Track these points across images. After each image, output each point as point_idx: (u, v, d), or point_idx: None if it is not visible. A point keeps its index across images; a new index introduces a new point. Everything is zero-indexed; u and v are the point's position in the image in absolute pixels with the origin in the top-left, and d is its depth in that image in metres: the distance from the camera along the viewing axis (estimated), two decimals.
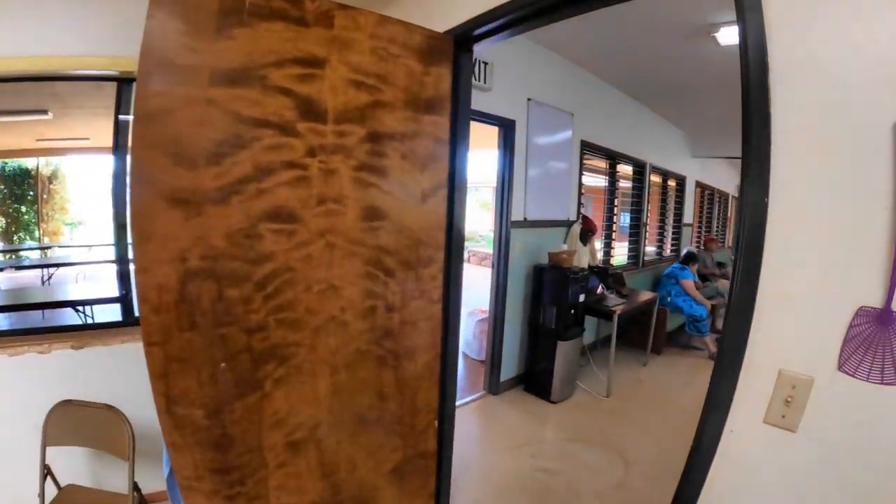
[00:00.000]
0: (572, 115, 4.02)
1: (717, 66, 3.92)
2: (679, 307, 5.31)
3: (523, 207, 3.52)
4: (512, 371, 3.87)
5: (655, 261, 6.46)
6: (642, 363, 4.88)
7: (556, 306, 3.53)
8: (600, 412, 3.69)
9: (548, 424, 3.49)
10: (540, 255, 3.76)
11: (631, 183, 5.62)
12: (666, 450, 3.21)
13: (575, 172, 4.18)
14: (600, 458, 3.07)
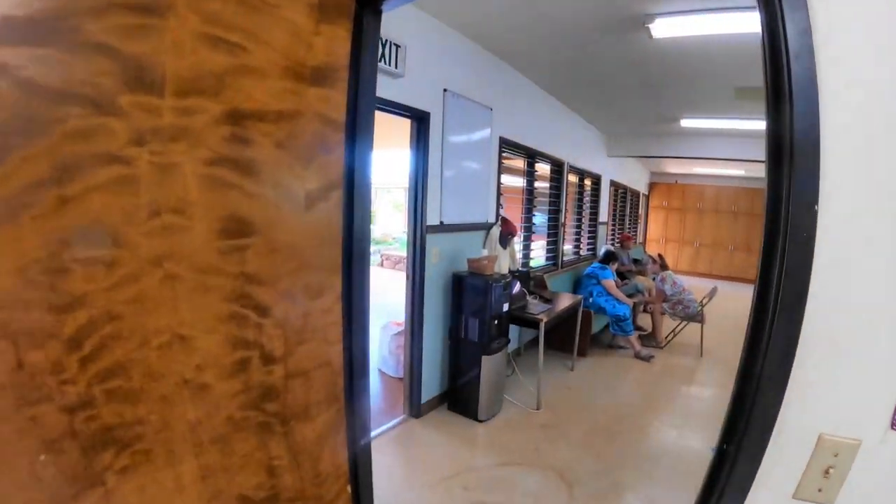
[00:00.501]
0: (491, 109, 3.82)
1: (644, 62, 3.93)
2: (602, 307, 5.39)
3: (439, 210, 3.26)
4: (434, 389, 3.62)
5: (574, 261, 6.52)
6: (569, 367, 4.86)
7: (479, 318, 3.31)
8: (532, 427, 3.54)
9: (478, 448, 3.27)
10: (459, 262, 3.52)
11: (549, 182, 5.56)
12: (607, 463, 3.13)
13: (493, 171, 3.99)
14: (540, 482, 2.90)
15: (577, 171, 6.36)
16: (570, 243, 6.74)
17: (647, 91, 4.87)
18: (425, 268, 3.16)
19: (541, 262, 5.69)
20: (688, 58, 3.71)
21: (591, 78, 4.56)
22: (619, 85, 4.74)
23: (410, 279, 3.19)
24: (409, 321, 3.29)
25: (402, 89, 2.86)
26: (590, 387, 4.46)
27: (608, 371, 4.96)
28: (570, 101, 5.64)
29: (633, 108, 5.77)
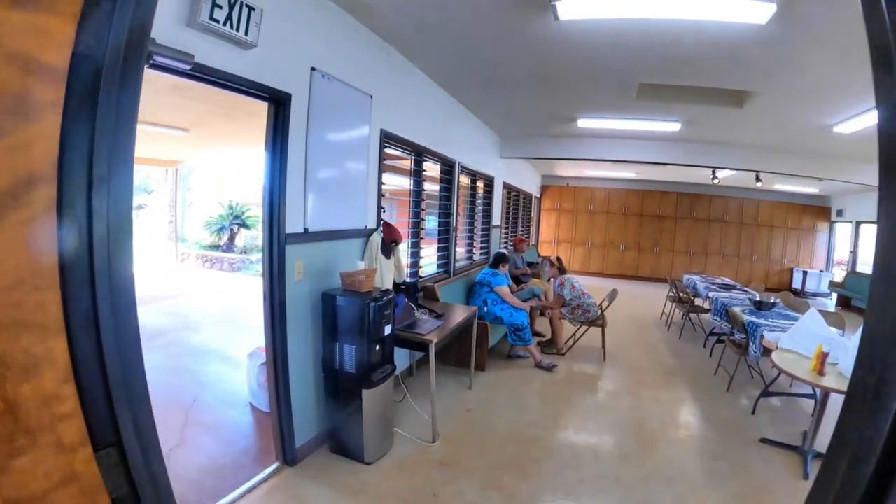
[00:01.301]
0: (371, 97, 3.39)
1: (545, 52, 3.75)
2: (498, 317, 5.22)
3: (303, 215, 2.75)
4: (311, 429, 3.13)
5: (467, 267, 6.30)
6: (467, 385, 4.60)
7: (356, 345, 2.85)
8: (429, 467, 3.16)
9: (364, 501, 2.80)
10: (331, 278, 3.04)
11: (439, 184, 5.24)
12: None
13: (374, 169, 3.56)
14: None
15: (470, 172, 6.15)
16: (463, 248, 6.50)
17: (546, 87, 4.77)
18: (286, 286, 2.64)
19: (432, 271, 5.36)
20: (592, 49, 3.58)
21: (486, 70, 4.36)
22: (516, 80, 4.59)
23: (268, 300, 2.66)
24: (269, 352, 2.76)
25: (253, 63, 2.35)
26: (491, 407, 4.21)
27: (510, 386, 4.77)
28: (464, 97, 5.43)
29: (529, 107, 5.68)
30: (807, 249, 13.09)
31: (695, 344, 6.94)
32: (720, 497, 3.11)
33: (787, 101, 4.51)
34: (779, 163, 7.26)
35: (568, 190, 13.68)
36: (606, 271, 13.50)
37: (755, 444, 3.87)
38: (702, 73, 4.01)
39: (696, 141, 6.91)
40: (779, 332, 4.47)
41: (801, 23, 2.84)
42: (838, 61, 3.39)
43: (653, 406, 4.58)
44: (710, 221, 13.22)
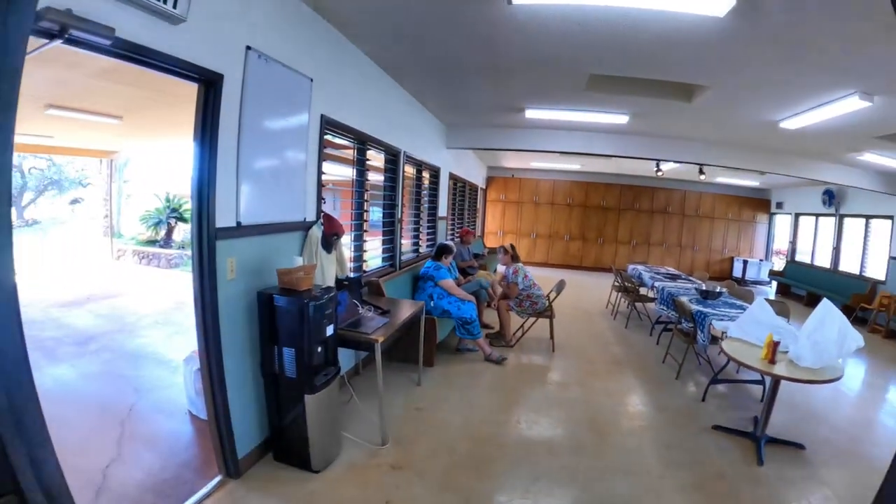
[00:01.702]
0: (311, 80, 3.21)
1: (495, 38, 3.66)
2: (446, 310, 5.16)
3: (235, 207, 2.55)
4: (254, 438, 2.96)
5: (413, 260, 6.20)
6: (416, 382, 4.53)
7: (296, 348, 2.70)
8: (380, 471, 3.05)
9: None
10: (267, 275, 2.85)
11: (383, 174, 5.09)
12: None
13: (314, 157, 3.38)
14: None
15: (415, 162, 6.03)
16: (409, 240, 6.39)
17: (495, 76, 4.72)
18: (217, 286, 2.44)
19: (376, 265, 5.21)
20: (545, 36, 3.52)
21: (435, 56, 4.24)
22: (465, 67, 4.51)
23: (199, 302, 2.45)
24: (203, 358, 2.56)
25: (182, 39, 2.14)
26: (442, 404, 4.14)
27: (460, 381, 4.72)
28: (410, 84, 5.31)
29: (478, 96, 5.61)
30: (747, 240, 13.91)
31: (641, 333, 7.14)
32: (678, 486, 3.18)
33: (737, 96, 4.65)
34: (724, 156, 7.56)
35: (513, 181, 13.85)
36: (551, 261, 13.83)
37: (708, 432, 3.99)
38: (655, 66, 4.06)
39: (643, 134, 7.08)
40: (727, 322, 4.62)
41: (759, 18, 2.90)
42: (790, 58, 3.50)
43: (604, 397, 4.65)
44: (652, 213, 13.75)
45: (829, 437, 4.08)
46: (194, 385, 3.42)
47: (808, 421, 4.36)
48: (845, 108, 4.27)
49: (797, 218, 12.66)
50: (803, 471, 3.50)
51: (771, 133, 5.90)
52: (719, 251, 13.93)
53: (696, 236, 13.86)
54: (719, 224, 13.85)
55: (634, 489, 3.11)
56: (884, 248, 9.39)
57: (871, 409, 5.04)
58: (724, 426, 4.05)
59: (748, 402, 4.70)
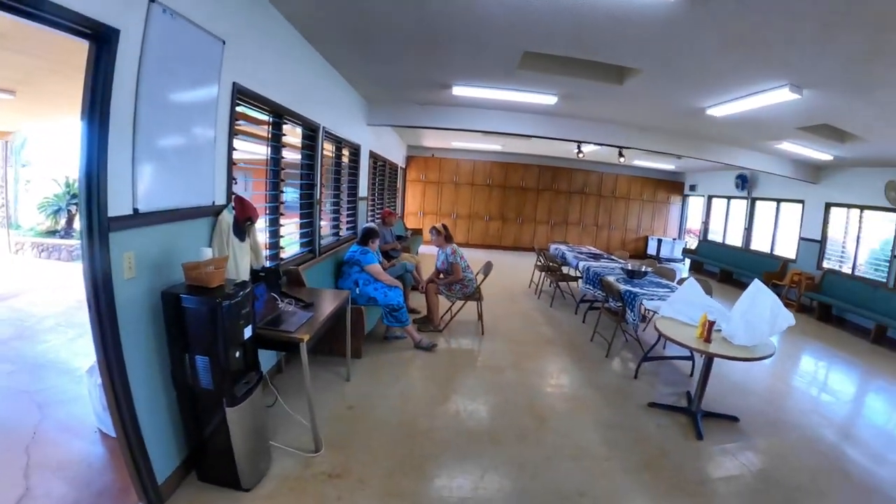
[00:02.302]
0: (224, 43, 2.80)
1: (427, 7, 3.40)
2: (372, 297, 4.96)
3: (132, 191, 2.14)
4: (173, 457, 2.61)
5: (333, 244, 5.89)
6: (344, 377, 4.29)
7: (211, 355, 2.36)
8: (318, 482, 2.81)
9: None
10: (172, 271, 2.47)
11: (301, 151, 4.72)
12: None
13: (224, 132, 2.99)
14: None
15: (335, 138, 5.68)
16: (329, 223, 6.04)
17: (425, 48, 4.47)
18: (113, 287, 2.04)
19: (294, 251, 4.85)
20: (482, 9, 3.36)
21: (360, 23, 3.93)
22: (392, 37, 4.24)
23: (93, 306, 2.05)
24: (104, 371, 2.16)
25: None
26: (375, 400, 3.94)
27: (391, 372, 4.55)
28: (331, 54, 4.93)
29: (404, 70, 5.34)
30: (661, 220, 14.84)
31: (567, 311, 7.29)
32: (626, 468, 3.24)
33: (669, 81, 4.73)
34: (648, 140, 7.83)
35: (434, 161, 13.71)
36: (472, 242, 13.95)
37: (644, 409, 4.11)
38: (595, 46, 4.01)
39: (570, 116, 7.14)
40: (657, 301, 4.74)
41: (708, 6, 2.89)
42: (731, 48, 3.56)
43: (539, 378, 4.69)
44: (570, 193, 14.22)
45: (760, 408, 4.36)
46: (100, 399, 2.96)
47: (737, 393, 4.63)
48: (775, 98, 4.47)
49: (710, 200, 13.62)
50: (740, 442, 3.70)
51: (696, 119, 6.12)
52: (635, 230, 14.74)
53: (612, 216, 14.54)
54: (634, 205, 14.63)
55: (584, 475, 3.12)
56: (794, 229, 10.25)
57: (789, 377, 5.47)
58: (659, 403, 4.18)
59: (678, 378, 4.91)
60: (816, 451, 3.64)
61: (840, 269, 9.00)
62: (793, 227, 10.39)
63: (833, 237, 9.40)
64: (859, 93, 4.21)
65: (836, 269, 9.05)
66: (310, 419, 3.08)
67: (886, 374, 5.78)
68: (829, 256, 9.35)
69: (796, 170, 9.10)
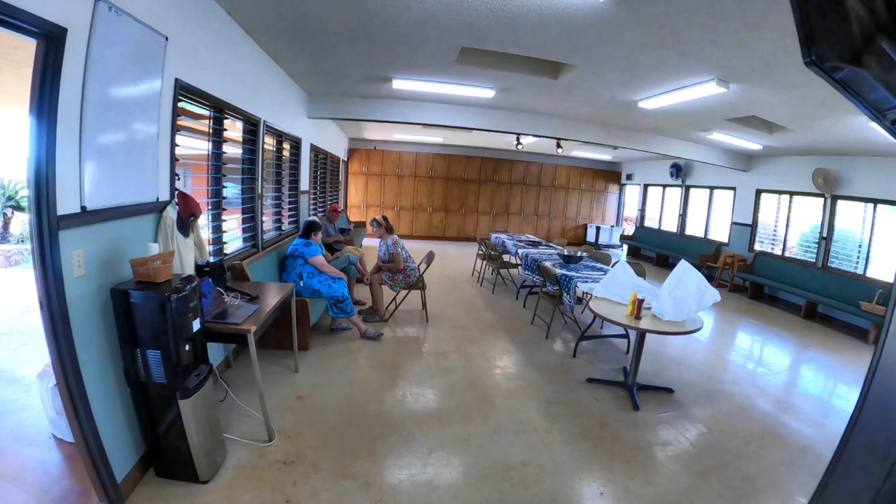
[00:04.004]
0: (167, 39, 2.81)
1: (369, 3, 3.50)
2: (317, 290, 5.05)
3: (79, 189, 2.17)
4: (130, 455, 2.63)
5: (276, 238, 5.91)
6: (292, 369, 4.35)
7: (162, 348, 2.41)
8: (273, 469, 2.91)
9: None
10: (121, 268, 2.51)
11: (242, 146, 4.72)
12: (383, 490, 2.78)
13: (166, 128, 3.01)
14: None
15: (276, 132, 5.66)
16: (271, 218, 6.04)
17: (365, 43, 4.55)
18: (64, 285, 2.07)
19: (237, 246, 4.86)
20: (422, 4, 3.48)
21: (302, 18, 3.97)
22: (334, 32, 4.29)
23: (45, 307, 2.06)
24: (59, 372, 2.17)
25: None
26: (324, 389, 4.04)
27: (338, 362, 4.65)
28: (273, 48, 4.92)
29: (344, 64, 5.38)
30: (599, 208, 15.53)
31: (508, 297, 7.59)
32: (566, 439, 3.50)
33: (602, 76, 5.02)
34: (584, 132, 8.19)
35: (376, 153, 13.70)
36: (416, 233, 14.08)
37: (583, 385, 4.40)
38: (530, 43, 4.20)
39: (508, 108, 7.37)
40: (591, 283, 5.06)
41: (636, 7, 3.13)
42: (660, 45, 3.84)
43: (482, 361, 4.89)
44: (511, 184, 14.60)
45: (693, 380, 4.75)
46: (53, 404, 2.92)
47: (672, 367, 5.03)
48: (703, 92, 4.84)
49: (646, 188, 14.38)
50: (676, 411, 4.05)
51: (629, 111, 6.50)
52: (574, 219, 15.36)
53: (552, 206, 15.08)
54: (573, 194, 15.23)
55: (527, 447, 3.35)
56: (727, 214, 10.99)
57: (725, 352, 5.95)
58: (597, 378, 4.49)
59: (615, 355, 5.26)
60: (750, 418, 4.01)
61: (772, 251, 9.73)
62: (725, 212, 11.15)
63: (764, 221, 10.14)
64: (783, 87, 4.57)
65: (768, 251, 9.79)
66: (261, 410, 3.17)
67: (817, 347, 6.36)
68: (761, 240, 10.10)
69: (728, 158, 9.75)
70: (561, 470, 3.12)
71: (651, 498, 2.90)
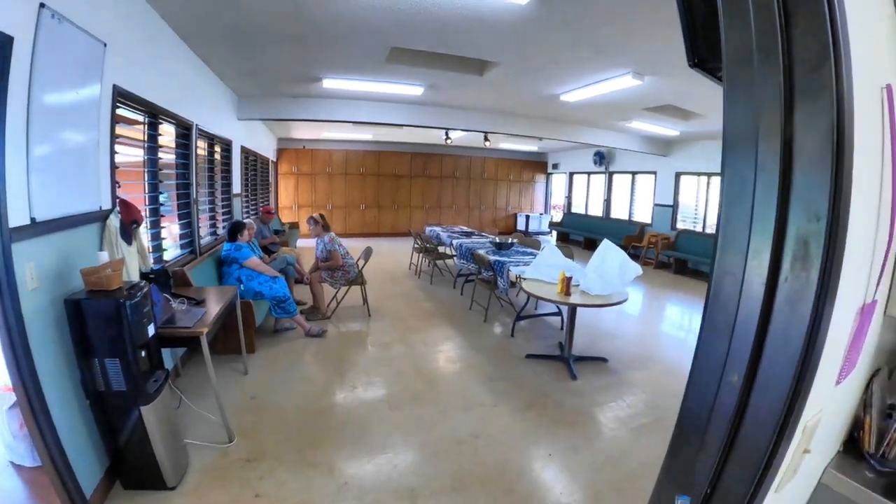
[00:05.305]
0: (105, 45, 2.73)
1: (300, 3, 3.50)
2: (258, 292, 5.00)
3: (27, 201, 2.11)
4: (95, 471, 2.55)
5: (213, 243, 5.78)
6: (242, 372, 4.32)
7: (120, 356, 2.38)
8: (238, 467, 2.93)
9: None
10: (71, 278, 2.45)
11: (175, 151, 4.60)
12: (346, 475, 2.88)
13: (106, 136, 2.93)
14: None
15: (207, 136, 5.52)
16: (206, 222, 5.90)
17: (298, 44, 4.55)
18: (20, 300, 2.02)
19: (176, 253, 4.74)
20: (353, 8, 3.55)
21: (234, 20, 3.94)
22: (266, 33, 4.26)
23: (2, 325, 1.99)
24: (20, 391, 2.07)
25: None
26: (275, 388, 4.05)
27: (286, 361, 4.66)
28: (204, 50, 4.81)
29: (275, 64, 5.34)
30: (528, 197, 16.09)
31: (446, 287, 7.78)
32: (512, 410, 3.72)
33: (525, 72, 5.27)
34: (510, 125, 8.48)
35: (305, 153, 13.44)
36: (350, 231, 13.91)
37: (523, 361, 4.65)
38: (454, 43, 4.37)
39: (436, 104, 7.53)
40: (522, 266, 5.33)
41: (555, 8, 3.35)
42: (578, 43, 4.10)
43: (425, 347, 5.05)
44: (442, 178, 14.83)
45: (626, 349, 5.12)
46: (10, 428, 2.75)
47: (605, 339, 5.40)
48: (620, 85, 5.20)
49: (571, 176, 15.10)
50: (611, 378, 4.38)
51: (552, 104, 6.83)
52: (504, 209, 15.85)
53: (482, 197, 15.46)
54: (503, 185, 15.71)
55: (476, 421, 3.55)
56: (649, 197, 11.68)
57: (654, 323, 6.43)
58: (535, 354, 4.76)
59: (550, 332, 5.57)
60: (681, 378, 4.34)
61: (693, 229, 10.45)
62: (647, 195, 11.91)
63: (685, 202, 10.91)
64: (692, 79, 4.94)
65: (690, 228, 10.50)
66: (219, 412, 3.17)
67: None
68: (683, 219, 10.87)
69: (648, 145, 10.41)
70: (510, 438, 3.33)
71: (596, 455, 3.17)
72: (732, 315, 0.85)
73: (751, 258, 0.82)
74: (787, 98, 0.76)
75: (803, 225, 0.76)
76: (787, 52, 0.75)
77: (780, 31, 0.75)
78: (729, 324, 0.85)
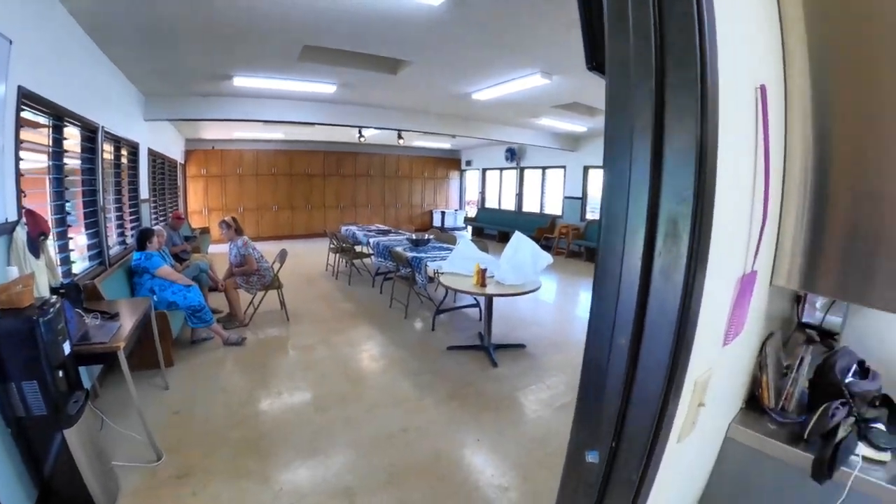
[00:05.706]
0: (11, 43, 2.57)
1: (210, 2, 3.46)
2: (172, 302, 4.79)
3: None
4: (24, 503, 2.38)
5: (122, 253, 5.49)
6: (162, 387, 4.12)
7: (38, 378, 2.25)
8: (170, 485, 2.83)
9: None
10: None
11: (80, 155, 4.36)
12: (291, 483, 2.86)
13: (10, 141, 2.75)
14: None
15: (114, 138, 5.23)
16: (115, 231, 5.59)
17: (209, 41, 4.44)
18: None
19: (84, 266, 4.47)
20: (266, 5, 3.55)
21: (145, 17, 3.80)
22: (178, 30, 4.12)
23: None
24: None
25: None
26: (198, 401, 3.93)
27: (207, 372, 4.51)
28: (112, 48, 4.56)
29: (184, 62, 5.13)
30: (442, 194, 16.43)
31: (364, 286, 7.82)
32: (438, 401, 3.88)
33: (437, 71, 5.44)
34: (423, 123, 8.65)
35: (214, 154, 12.79)
36: (263, 234, 13.44)
37: (445, 353, 4.85)
38: (369, 42, 4.44)
39: (349, 103, 7.56)
40: (439, 261, 5.55)
41: (467, 10, 3.51)
42: (490, 43, 4.30)
43: (348, 348, 5.09)
44: (356, 177, 14.75)
45: (544, 335, 5.43)
46: None
47: (521, 327, 5.72)
48: (528, 83, 5.52)
49: (484, 173, 15.67)
50: (530, 362, 4.66)
51: (464, 103, 7.09)
52: (419, 206, 16.10)
53: (397, 195, 15.59)
54: (417, 183, 15.94)
55: (404, 415, 3.67)
56: (559, 190, 12.37)
57: (568, 309, 6.86)
58: (456, 345, 4.97)
59: (470, 324, 5.81)
60: None
61: None
62: (558, 188, 12.58)
63: (594, 194, 11.56)
64: (597, 78, 5.33)
65: (598, 219, 11.17)
66: (143, 430, 3.06)
67: None
68: (592, 210, 11.59)
69: (557, 141, 11.00)
70: (438, 428, 3.49)
71: (521, 436, 3.40)
72: (615, 287, 1.00)
73: (628, 238, 0.97)
74: (659, 97, 0.90)
75: (673, 207, 0.91)
76: (660, 57, 0.89)
77: (653, 39, 0.89)
78: (614, 294, 1.00)
